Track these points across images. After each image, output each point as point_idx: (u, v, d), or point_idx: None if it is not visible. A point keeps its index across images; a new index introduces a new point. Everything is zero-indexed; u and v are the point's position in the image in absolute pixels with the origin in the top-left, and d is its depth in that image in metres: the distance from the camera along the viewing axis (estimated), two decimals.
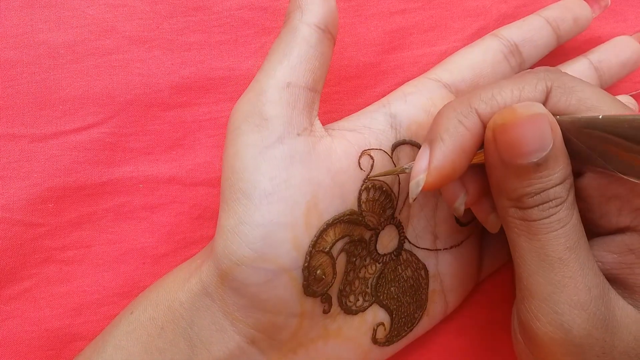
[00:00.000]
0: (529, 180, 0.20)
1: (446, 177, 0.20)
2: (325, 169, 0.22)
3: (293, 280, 0.22)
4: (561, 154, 0.20)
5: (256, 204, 0.21)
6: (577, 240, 0.20)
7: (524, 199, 0.20)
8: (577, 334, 0.19)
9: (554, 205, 0.20)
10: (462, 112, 0.21)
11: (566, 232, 0.20)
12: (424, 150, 0.21)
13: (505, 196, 0.21)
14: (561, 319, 0.19)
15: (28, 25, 0.27)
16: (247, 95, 0.23)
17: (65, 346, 0.27)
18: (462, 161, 0.20)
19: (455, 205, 0.23)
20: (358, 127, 0.24)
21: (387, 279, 0.25)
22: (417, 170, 0.21)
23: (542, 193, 0.19)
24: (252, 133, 0.22)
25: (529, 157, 0.19)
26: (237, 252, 0.21)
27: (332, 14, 0.23)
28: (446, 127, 0.20)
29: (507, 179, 0.20)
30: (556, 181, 0.19)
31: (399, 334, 0.25)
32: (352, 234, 0.23)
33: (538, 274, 0.20)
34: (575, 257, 0.20)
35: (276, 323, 0.22)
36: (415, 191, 0.21)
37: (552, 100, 0.20)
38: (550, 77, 0.21)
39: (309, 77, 0.22)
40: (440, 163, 0.20)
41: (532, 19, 0.27)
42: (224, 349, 0.22)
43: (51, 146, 0.27)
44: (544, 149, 0.19)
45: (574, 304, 0.19)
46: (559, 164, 0.19)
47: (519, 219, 0.20)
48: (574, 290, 0.19)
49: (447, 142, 0.20)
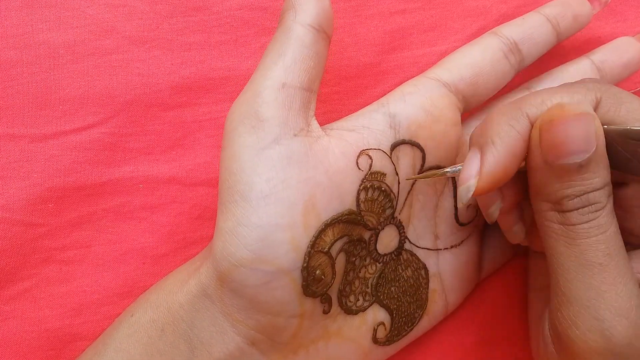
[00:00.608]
0: (570, 181, 0.20)
1: (498, 182, 0.20)
2: (323, 169, 0.22)
3: (292, 281, 0.22)
4: (602, 160, 0.20)
5: (253, 206, 0.21)
6: (617, 248, 0.20)
7: (564, 202, 0.20)
8: (617, 342, 0.19)
9: (593, 210, 0.20)
10: (513, 117, 0.21)
11: (606, 238, 0.20)
12: (473, 155, 0.21)
13: (545, 199, 0.21)
14: (602, 326, 0.19)
15: (28, 25, 0.27)
16: (243, 96, 0.23)
17: (65, 346, 0.27)
18: (514, 166, 0.20)
19: (489, 211, 0.23)
20: (357, 127, 0.24)
21: (388, 278, 0.25)
22: (468, 175, 0.21)
23: (583, 196, 0.20)
24: (249, 134, 0.22)
25: (572, 157, 0.19)
26: (236, 254, 0.21)
27: (326, 13, 0.23)
28: (497, 132, 0.20)
29: (548, 180, 0.20)
30: (597, 185, 0.20)
31: (399, 334, 0.25)
32: (351, 234, 0.23)
33: (577, 279, 0.20)
34: (616, 264, 0.19)
35: (276, 324, 0.22)
36: (465, 197, 0.21)
37: (601, 109, 0.21)
38: (599, 88, 0.21)
39: (304, 77, 0.22)
40: (493, 168, 0.20)
41: (531, 17, 0.27)
42: (224, 350, 0.22)
43: (51, 146, 0.27)
44: (587, 150, 0.19)
45: (615, 311, 0.19)
46: (600, 169, 0.20)
47: (558, 223, 0.20)
48: (615, 297, 0.19)
49: (499, 147, 0.20)
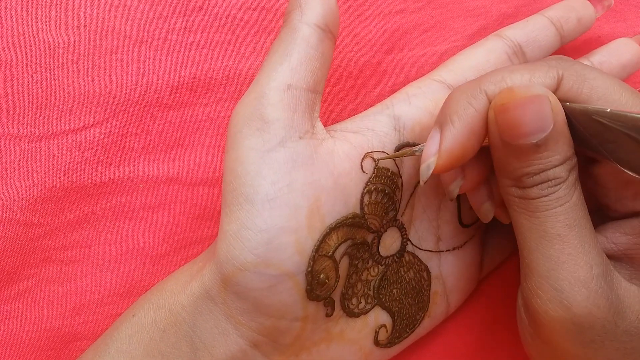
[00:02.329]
0: (528, 160, 0.20)
1: (457, 160, 0.20)
2: (328, 172, 0.22)
3: (296, 285, 0.22)
4: (562, 136, 0.20)
5: (258, 209, 0.21)
6: (577, 219, 0.20)
7: (523, 179, 0.20)
8: (577, 311, 0.19)
9: (552, 185, 0.20)
10: (471, 94, 0.20)
11: (565, 210, 0.20)
12: (434, 133, 0.21)
13: (506, 175, 0.21)
14: (560, 296, 0.19)
15: (28, 25, 0.27)
16: (248, 97, 0.22)
17: (65, 346, 0.27)
18: (473, 143, 0.20)
19: (450, 189, 0.22)
20: (361, 129, 0.24)
21: (390, 281, 0.25)
22: (428, 154, 0.21)
23: (542, 173, 0.20)
24: (254, 137, 0.21)
25: (528, 138, 0.19)
26: (240, 258, 0.21)
27: (332, 12, 0.23)
28: (455, 109, 0.20)
29: (507, 159, 0.20)
30: (555, 162, 0.19)
31: (401, 336, 0.25)
32: (354, 237, 0.23)
33: (537, 250, 0.20)
34: (576, 234, 0.20)
35: (279, 327, 0.22)
36: (426, 174, 0.21)
37: (563, 87, 0.20)
38: (562, 65, 0.21)
39: (309, 79, 0.22)
40: (451, 145, 0.20)
41: (535, 19, 0.27)
42: (227, 352, 0.22)
43: (51, 146, 0.27)
44: (543, 130, 0.19)
45: (574, 281, 0.19)
46: (559, 146, 0.19)
47: (519, 197, 0.20)
48: (574, 267, 0.19)
49: (457, 124, 0.20)
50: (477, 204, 0.24)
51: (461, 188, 0.22)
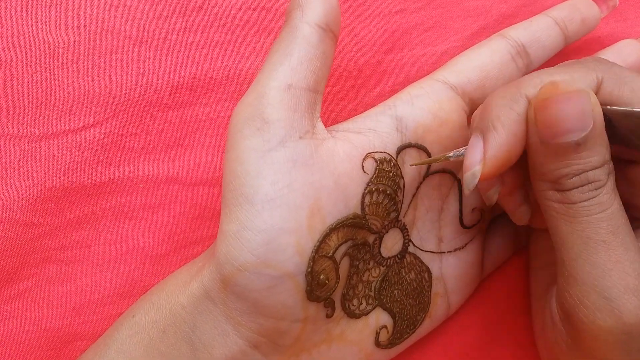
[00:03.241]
0: (568, 160, 0.19)
1: (503, 166, 0.20)
2: (328, 173, 0.22)
3: (296, 285, 0.22)
4: (600, 138, 0.19)
5: (258, 209, 0.21)
6: (620, 226, 0.19)
7: (562, 181, 0.20)
8: (627, 320, 0.19)
9: (593, 188, 0.19)
10: (512, 99, 0.20)
11: (608, 216, 0.19)
12: (475, 141, 0.21)
13: (543, 178, 0.20)
14: (610, 305, 0.19)
15: (28, 25, 0.27)
16: (248, 97, 0.22)
17: (65, 346, 0.27)
18: (517, 148, 0.20)
19: (488, 194, 0.22)
20: (363, 129, 0.24)
21: (391, 282, 0.25)
22: (472, 162, 0.20)
23: (582, 175, 0.19)
24: (254, 137, 0.21)
25: (568, 136, 0.19)
26: (240, 258, 0.21)
27: (333, 12, 0.23)
28: (497, 115, 0.20)
29: (546, 159, 0.20)
30: (595, 164, 0.19)
31: (402, 337, 0.25)
32: (355, 238, 0.23)
33: (581, 257, 0.20)
34: (620, 241, 0.19)
35: (279, 328, 0.22)
36: (472, 183, 0.20)
37: (604, 90, 0.20)
38: (601, 68, 0.20)
39: (310, 78, 0.22)
40: (496, 152, 0.20)
41: (539, 19, 0.26)
42: (227, 352, 0.22)
43: (51, 146, 0.27)
44: (584, 129, 0.19)
45: (623, 289, 0.19)
46: (597, 147, 0.19)
47: (558, 202, 0.20)
48: (622, 274, 0.19)
49: (501, 131, 0.20)
50: (513, 208, 0.23)
51: (500, 193, 0.22)
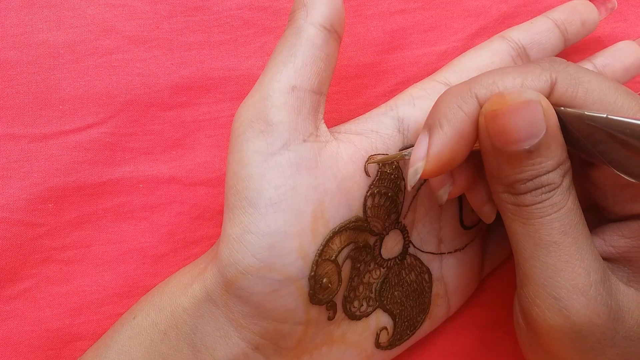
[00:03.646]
0: (521, 167, 0.19)
1: (445, 165, 0.20)
2: (332, 176, 0.22)
3: (299, 289, 0.21)
4: (554, 141, 0.19)
5: (262, 213, 0.21)
6: (573, 225, 0.19)
7: (516, 185, 0.20)
8: (576, 320, 0.19)
9: (546, 191, 0.19)
10: (461, 98, 0.20)
11: (560, 216, 0.19)
12: (422, 137, 0.20)
13: (498, 182, 0.20)
14: (559, 305, 0.19)
15: (28, 25, 0.27)
16: (251, 99, 0.22)
17: (65, 346, 0.27)
18: (462, 148, 0.20)
19: (438, 194, 0.22)
20: (365, 131, 0.24)
21: (391, 283, 0.25)
22: (416, 158, 0.20)
23: (535, 179, 0.19)
24: (257, 139, 0.21)
25: (520, 144, 0.19)
26: (243, 262, 0.21)
27: (338, 12, 0.22)
28: (445, 113, 0.20)
29: (499, 165, 0.20)
30: (549, 168, 0.19)
31: (402, 338, 0.25)
32: (357, 241, 0.23)
33: (533, 258, 0.20)
34: (572, 241, 0.19)
35: (281, 330, 0.22)
36: (413, 179, 0.20)
37: (558, 91, 0.20)
38: (555, 68, 0.20)
39: (314, 80, 0.22)
40: (439, 150, 0.20)
41: (540, 21, 0.26)
42: (229, 354, 0.22)
43: (51, 146, 0.27)
44: (535, 136, 0.19)
45: (572, 289, 0.19)
46: (551, 151, 0.19)
47: (512, 204, 0.20)
48: (572, 274, 0.19)
49: (446, 129, 0.20)
50: (478, 206, 0.23)
51: (450, 193, 0.22)
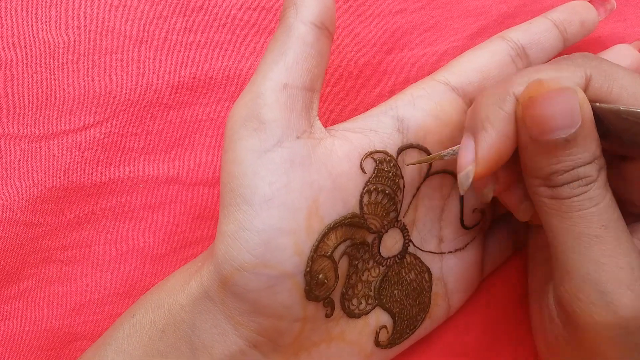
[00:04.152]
0: (558, 157, 0.19)
1: (495, 166, 0.20)
2: (326, 172, 0.22)
3: (295, 285, 0.22)
4: (590, 134, 0.19)
5: (256, 210, 0.21)
6: (613, 220, 0.19)
7: (553, 177, 0.20)
8: (624, 314, 0.19)
9: (584, 184, 0.19)
10: (500, 98, 0.20)
11: (599, 210, 0.19)
12: (467, 141, 0.21)
13: (535, 175, 0.20)
14: (606, 299, 0.19)
15: (28, 25, 0.27)
16: (244, 98, 0.22)
17: (65, 346, 0.27)
18: (508, 147, 0.20)
19: (483, 192, 0.22)
20: (363, 129, 0.24)
21: (391, 282, 0.25)
22: (465, 162, 0.20)
23: (572, 171, 0.19)
24: (250, 137, 0.21)
25: (557, 133, 0.19)
26: (238, 258, 0.21)
27: (328, 9, 0.22)
28: (486, 115, 0.20)
29: (536, 156, 0.20)
30: (585, 160, 0.19)
31: (402, 337, 0.25)
32: (354, 237, 0.23)
33: (575, 252, 0.20)
34: (613, 235, 0.19)
35: (279, 327, 0.22)
36: (465, 183, 0.20)
37: (593, 87, 0.20)
38: (589, 64, 0.20)
39: (306, 77, 0.22)
40: (487, 152, 0.20)
41: (539, 22, 0.26)
42: (226, 352, 0.22)
43: (51, 146, 0.27)
44: (572, 126, 0.19)
45: (618, 283, 0.19)
46: (587, 143, 0.19)
47: (549, 198, 0.20)
48: (616, 268, 0.19)
49: (490, 131, 0.20)
50: (514, 205, 0.23)
51: (495, 191, 0.22)
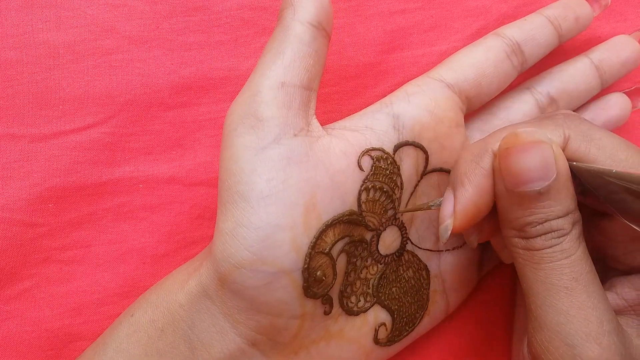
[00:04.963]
0: (531, 209, 0.20)
1: (472, 219, 0.21)
2: (324, 170, 0.22)
3: (293, 282, 0.22)
4: (564, 188, 0.20)
5: (254, 207, 0.21)
6: (584, 274, 0.20)
7: (526, 228, 0.20)
8: None
9: (556, 236, 0.20)
10: (479, 154, 0.21)
11: (571, 263, 0.20)
12: (448, 195, 0.22)
13: (510, 226, 0.21)
14: (573, 352, 0.19)
15: (28, 25, 0.27)
16: (242, 96, 0.22)
17: (65, 346, 0.27)
18: (486, 201, 0.21)
19: (469, 240, 0.23)
20: (360, 127, 0.24)
21: (389, 279, 0.25)
22: (444, 215, 0.22)
23: (545, 223, 0.20)
24: (248, 135, 0.21)
25: (531, 185, 0.19)
26: (236, 255, 0.21)
27: (325, 9, 0.23)
28: (465, 171, 0.21)
29: (510, 207, 0.20)
30: (558, 213, 0.20)
31: (401, 334, 0.25)
32: (352, 235, 0.23)
33: (545, 303, 0.20)
34: (583, 288, 0.19)
35: (277, 325, 0.22)
36: (445, 236, 0.22)
37: (571, 147, 0.21)
38: (569, 125, 0.21)
39: (303, 76, 0.22)
40: (464, 207, 0.21)
41: (534, 18, 0.27)
42: (225, 350, 0.22)
43: (51, 146, 0.27)
44: (546, 178, 0.19)
45: (585, 337, 0.19)
46: (561, 197, 0.20)
47: (523, 249, 0.20)
48: (585, 322, 0.19)
49: (467, 186, 0.21)
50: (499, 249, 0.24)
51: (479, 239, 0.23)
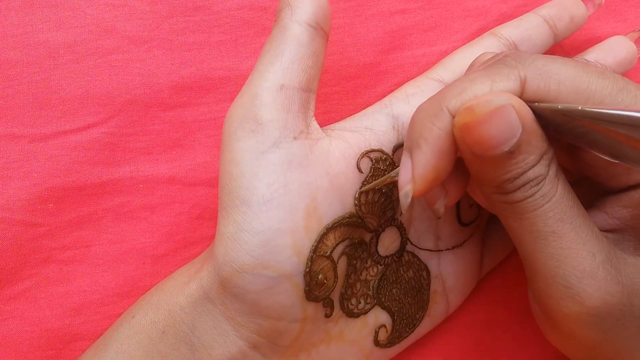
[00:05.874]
0: (505, 168, 0.19)
1: (433, 182, 0.20)
2: (324, 172, 0.22)
3: (295, 286, 0.22)
4: (533, 136, 0.19)
5: (255, 211, 0.21)
6: (567, 211, 0.19)
7: (504, 186, 0.20)
8: (590, 304, 0.19)
9: (535, 184, 0.19)
10: (433, 114, 0.20)
11: (553, 205, 0.19)
12: (405, 159, 0.20)
13: (486, 184, 0.20)
14: (571, 292, 0.19)
15: (28, 25, 0.27)
16: (241, 99, 0.22)
17: (65, 346, 0.27)
18: (445, 163, 0.20)
19: (435, 208, 0.22)
20: (359, 128, 0.24)
21: (389, 280, 0.25)
22: (403, 182, 0.20)
23: (521, 177, 0.19)
24: (248, 138, 0.21)
25: (499, 148, 0.19)
26: (238, 260, 0.21)
27: (323, 10, 0.22)
28: (420, 132, 0.20)
29: (484, 170, 0.20)
30: (532, 163, 0.19)
31: (401, 335, 0.25)
32: (352, 237, 0.23)
33: (536, 251, 0.20)
34: (570, 226, 0.19)
35: (278, 328, 0.22)
36: (405, 202, 0.20)
37: (529, 89, 0.19)
38: (522, 65, 0.20)
39: (302, 78, 0.22)
40: (423, 170, 0.20)
41: (529, 18, 0.27)
42: (226, 353, 0.22)
43: (51, 146, 0.27)
44: (512, 138, 0.19)
45: (580, 274, 0.19)
46: (532, 146, 0.19)
47: (504, 203, 0.20)
48: (577, 260, 0.19)
49: (424, 148, 0.19)
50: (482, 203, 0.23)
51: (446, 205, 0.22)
